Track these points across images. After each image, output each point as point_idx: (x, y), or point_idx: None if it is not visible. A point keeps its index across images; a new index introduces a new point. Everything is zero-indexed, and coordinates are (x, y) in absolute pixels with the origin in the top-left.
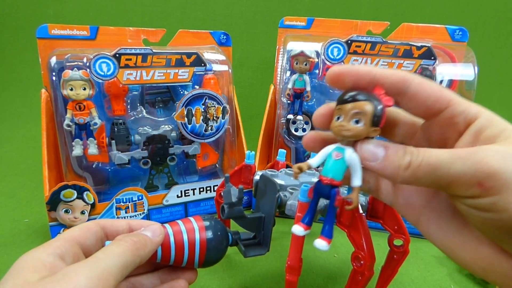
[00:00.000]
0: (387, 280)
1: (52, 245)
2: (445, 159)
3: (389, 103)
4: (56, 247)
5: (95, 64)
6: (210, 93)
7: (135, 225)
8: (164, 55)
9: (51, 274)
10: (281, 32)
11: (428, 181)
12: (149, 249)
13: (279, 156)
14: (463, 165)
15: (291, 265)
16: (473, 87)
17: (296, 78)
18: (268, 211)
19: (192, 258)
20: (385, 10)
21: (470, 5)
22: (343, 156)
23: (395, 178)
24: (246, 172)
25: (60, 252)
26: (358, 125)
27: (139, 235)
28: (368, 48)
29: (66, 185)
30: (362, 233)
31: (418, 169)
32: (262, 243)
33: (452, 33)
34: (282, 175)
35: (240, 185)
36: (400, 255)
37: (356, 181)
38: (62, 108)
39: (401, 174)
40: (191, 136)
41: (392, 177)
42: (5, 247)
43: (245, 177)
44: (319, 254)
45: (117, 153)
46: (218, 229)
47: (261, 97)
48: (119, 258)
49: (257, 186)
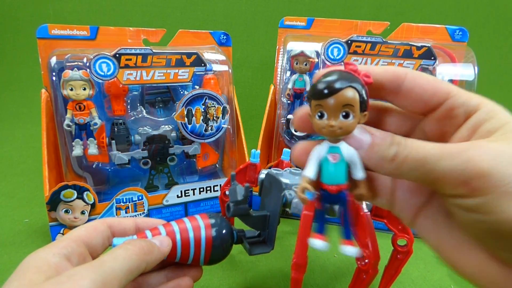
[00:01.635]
0: (390, 279)
1: (58, 245)
2: (434, 154)
3: (369, 80)
4: (62, 247)
5: (95, 64)
6: (210, 93)
7: (141, 223)
8: (164, 55)
9: (57, 275)
10: (281, 32)
11: (414, 176)
12: (155, 256)
13: (284, 156)
14: (451, 162)
15: (297, 262)
16: (473, 87)
17: (296, 78)
18: (273, 209)
19: (198, 256)
20: (385, 10)
21: (470, 5)
22: (341, 155)
23: (379, 169)
24: (251, 171)
25: (66, 252)
26: (349, 120)
27: (147, 241)
28: (368, 48)
29: (66, 185)
30: (367, 231)
31: (404, 163)
32: (267, 241)
33: (452, 33)
34: (287, 174)
35: (246, 183)
36: (404, 255)
37: (360, 174)
38: (62, 108)
39: (385, 166)
40: (191, 136)
41: (375, 168)
42: (5, 247)
43: (250, 176)
44: (319, 254)
45: (117, 153)
46: (224, 227)
47: (261, 97)
48: (125, 263)
49: (263, 184)
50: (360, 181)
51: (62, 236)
